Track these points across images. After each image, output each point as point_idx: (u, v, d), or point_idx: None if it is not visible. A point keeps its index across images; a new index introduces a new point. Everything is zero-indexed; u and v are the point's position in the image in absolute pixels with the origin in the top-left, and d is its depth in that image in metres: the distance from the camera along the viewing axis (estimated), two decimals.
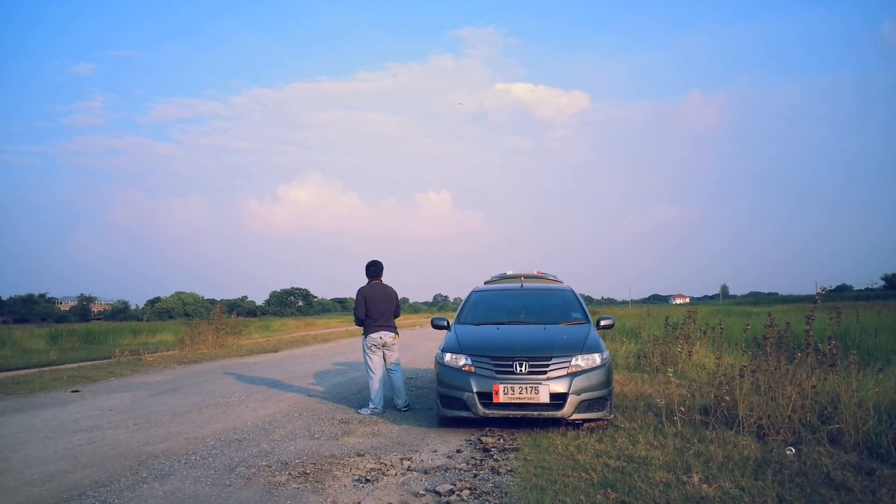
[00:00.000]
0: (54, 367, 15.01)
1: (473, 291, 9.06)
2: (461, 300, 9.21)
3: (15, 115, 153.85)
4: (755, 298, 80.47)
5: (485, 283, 9.86)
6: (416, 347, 19.35)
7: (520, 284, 9.23)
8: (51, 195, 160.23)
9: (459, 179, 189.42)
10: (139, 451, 6.14)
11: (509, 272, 9.85)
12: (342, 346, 22.97)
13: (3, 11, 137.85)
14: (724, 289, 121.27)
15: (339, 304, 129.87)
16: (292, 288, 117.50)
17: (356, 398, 9.50)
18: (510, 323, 7.94)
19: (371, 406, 8.29)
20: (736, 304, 62.24)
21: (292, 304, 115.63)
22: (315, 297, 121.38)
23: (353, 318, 9.06)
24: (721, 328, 10.39)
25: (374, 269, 8.75)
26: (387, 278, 8.90)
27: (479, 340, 7.23)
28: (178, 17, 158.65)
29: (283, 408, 8.68)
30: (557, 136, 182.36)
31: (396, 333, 8.60)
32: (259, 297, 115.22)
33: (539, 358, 6.68)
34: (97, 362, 15.99)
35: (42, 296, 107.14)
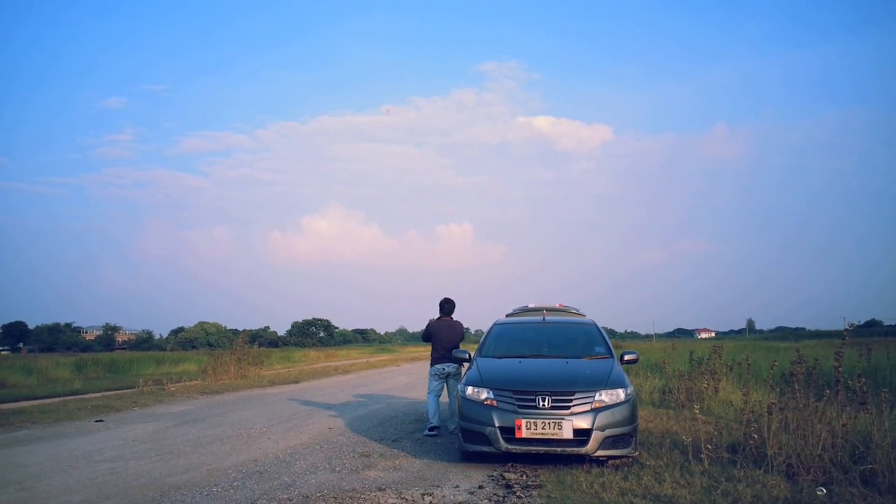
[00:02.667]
0: (79, 397, 15.15)
1: (495, 324, 9.03)
2: (482, 333, 9.21)
3: (47, 147, 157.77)
4: (782, 333, 79.04)
5: (506, 315, 9.82)
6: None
7: (542, 318, 9.18)
8: (80, 226, 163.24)
9: (481, 212, 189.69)
10: (162, 483, 6.15)
11: (531, 305, 9.81)
12: (363, 378, 22.92)
13: (35, 45, 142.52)
14: (751, 323, 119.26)
15: (360, 335, 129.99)
16: (314, 319, 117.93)
17: (377, 431, 9.45)
18: (532, 356, 7.88)
19: (429, 426, 9.16)
20: (762, 338, 61.20)
21: (313, 334, 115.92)
22: (336, 327, 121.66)
23: (372, 349, 9.84)
24: (748, 364, 10.22)
25: (447, 306, 9.78)
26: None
27: (502, 374, 7.18)
28: (207, 54, 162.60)
29: (305, 440, 8.65)
30: (580, 169, 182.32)
31: (461, 365, 9.27)
32: (281, 328, 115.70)
33: (562, 392, 6.61)
34: (121, 392, 16.11)
35: (68, 325, 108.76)
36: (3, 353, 71.19)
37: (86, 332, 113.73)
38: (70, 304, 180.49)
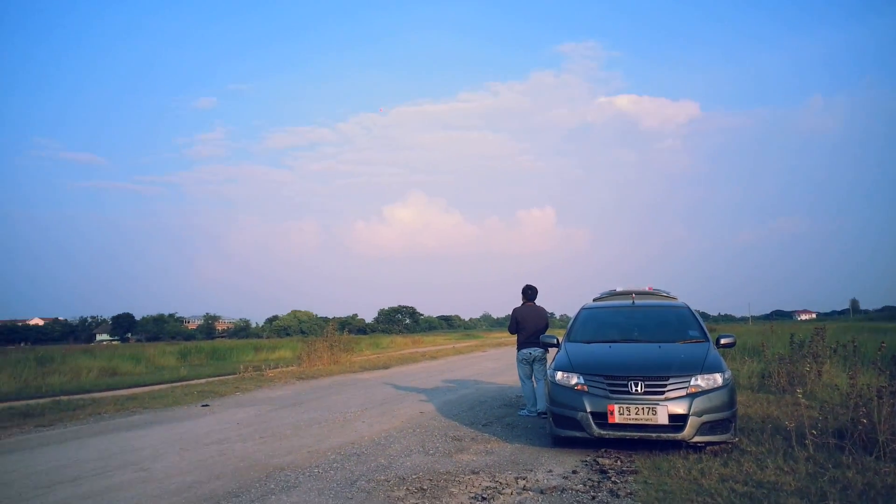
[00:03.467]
0: (185, 383, 16.07)
1: (583, 309, 8.93)
2: (568, 318, 9.15)
3: (146, 148, 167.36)
4: (890, 314, 74.14)
5: (594, 300, 9.69)
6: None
7: (631, 301, 9.01)
8: (179, 222, 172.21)
9: (563, 195, 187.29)
10: (266, 464, 6.47)
11: (619, 288, 9.65)
12: (450, 363, 23.18)
13: (130, 51, 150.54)
14: (855, 303, 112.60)
15: (445, 322, 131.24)
16: (399, 306, 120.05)
17: (467, 416, 9.57)
18: (623, 341, 7.76)
19: (527, 408, 9.51)
20: (868, 319, 57.71)
21: (399, 321, 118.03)
22: (421, 314, 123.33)
23: (457, 335, 10.14)
24: (854, 346, 9.69)
25: (529, 292, 9.90)
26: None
27: (592, 359, 7.12)
28: (289, 53, 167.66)
29: (398, 424, 8.87)
30: (665, 148, 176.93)
31: (546, 349, 9.59)
32: (368, 315, 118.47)
33: (656, 377, 6.49)
34: (223, 378, 16.96)
35: (172, 315, 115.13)
36: (113, 342, 76.22)
37: (188, 322, 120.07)
38: (173, 295, 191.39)
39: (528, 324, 9.63)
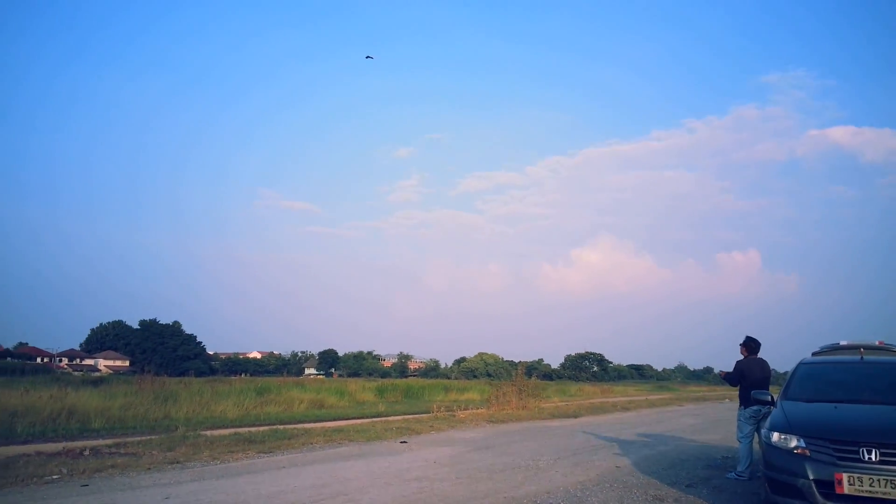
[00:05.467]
0: (384, 419, 16.92)
1: (801, 363, 8.16)
2: (777, 373, 8.38)
3: (352, 196, 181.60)
4: None
5: (813, 354, 8.84)
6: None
7: (859, 357, 8.06)
8: (378, 264, 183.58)
9: (769, 237, 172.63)
10: None
11: (844, 342, 8.71)
12: (644, 416, 22.12)
13: (343, 110, 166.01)
14: None
15: (636, 371, 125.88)
16: (587, 352, 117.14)
17: (668, 474, 9.04)
18: (850, 401, 6.95)
19: (738, 470, 8.87)
20: None
21: (587, 368, 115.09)
22: (610, 362, 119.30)
23: (650, 386, 9.64)
24: None
25: (752, 344, 9.46)
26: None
27: (814, 420, 6.45)
28: (480, 101, 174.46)
29: (592, 476, 8.62)
30: (890, 183, 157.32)
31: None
32: (554, 360, 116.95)
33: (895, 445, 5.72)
34: (418, 416, 17.63)
35: (370, 353, 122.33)
36: (319, 376, 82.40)
37: (384, 360, 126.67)
38: (372, 333, 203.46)
39: (756, 377, 9.11)
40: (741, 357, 9.43)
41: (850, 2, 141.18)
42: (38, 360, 79.57)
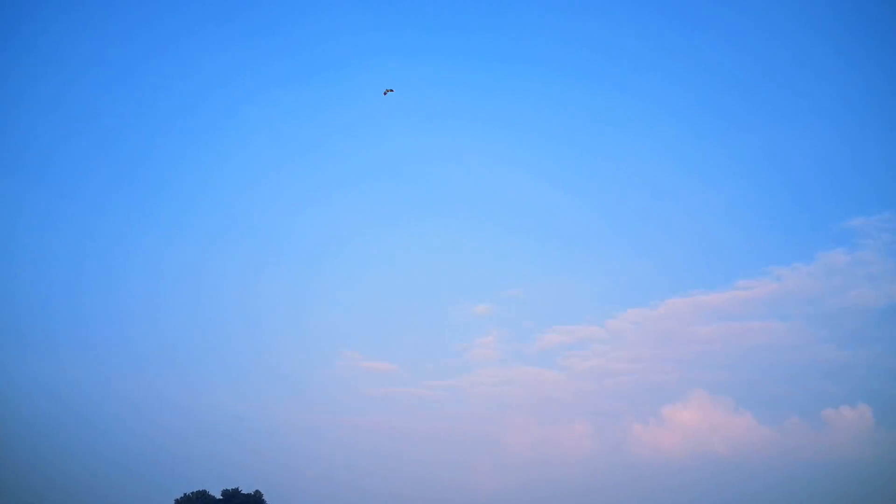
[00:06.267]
0: None
1: None
2: None
3: (431, 355, 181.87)
4: None
5: None
6: None
7: None
8: (457, 426, 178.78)
9: (881, 390, 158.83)
10: None
11: None
12: None
13: (417, 269, 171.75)
14: None
15: None
16: None
17: None
18: None
19: None
20: None
21: None
22: None
23: None
24: None
25: None
26: None
27: None
28: (557, 255, 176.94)
29: None
30: None
31: None
32: None
33: None
34: None
35: None
36: None
37: None
38: (449, 499, 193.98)
39: None
40: None
41: None
42: None
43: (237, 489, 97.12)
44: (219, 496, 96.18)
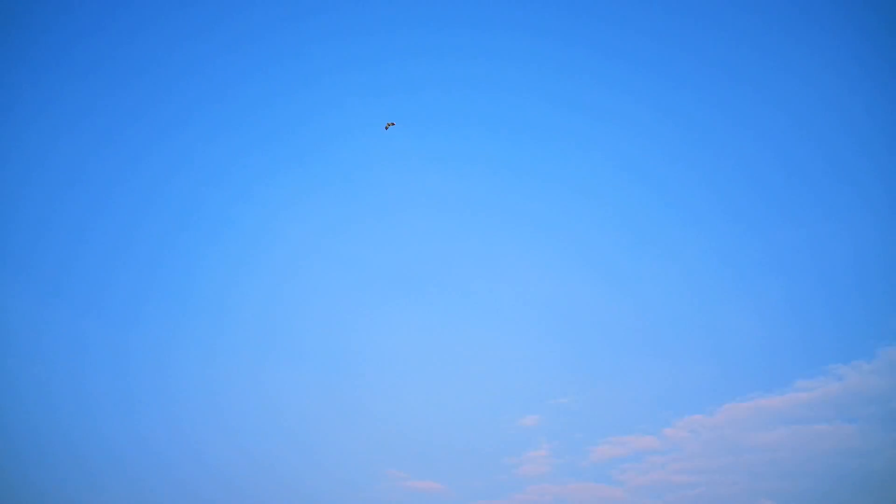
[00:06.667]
0: None
1: None
2: None
3: (479, 472, 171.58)
4: None
5: None
6: None
7: None
8: None
9: None
10: None
11: None
12: None
13: (460, 383, 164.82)
14: None
15: None
16: None
17: None
18: None
19: None
20: None
21: None
22: None
23: None
24: None
25: None
26: None
27: None
28: (602, 359, 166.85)
29: None
30: None
31: None
32: None
33: None
34: None
35: None
36: None
37: None
38: None
39: None
40: None
41: None
42: None
43: None
44: None
